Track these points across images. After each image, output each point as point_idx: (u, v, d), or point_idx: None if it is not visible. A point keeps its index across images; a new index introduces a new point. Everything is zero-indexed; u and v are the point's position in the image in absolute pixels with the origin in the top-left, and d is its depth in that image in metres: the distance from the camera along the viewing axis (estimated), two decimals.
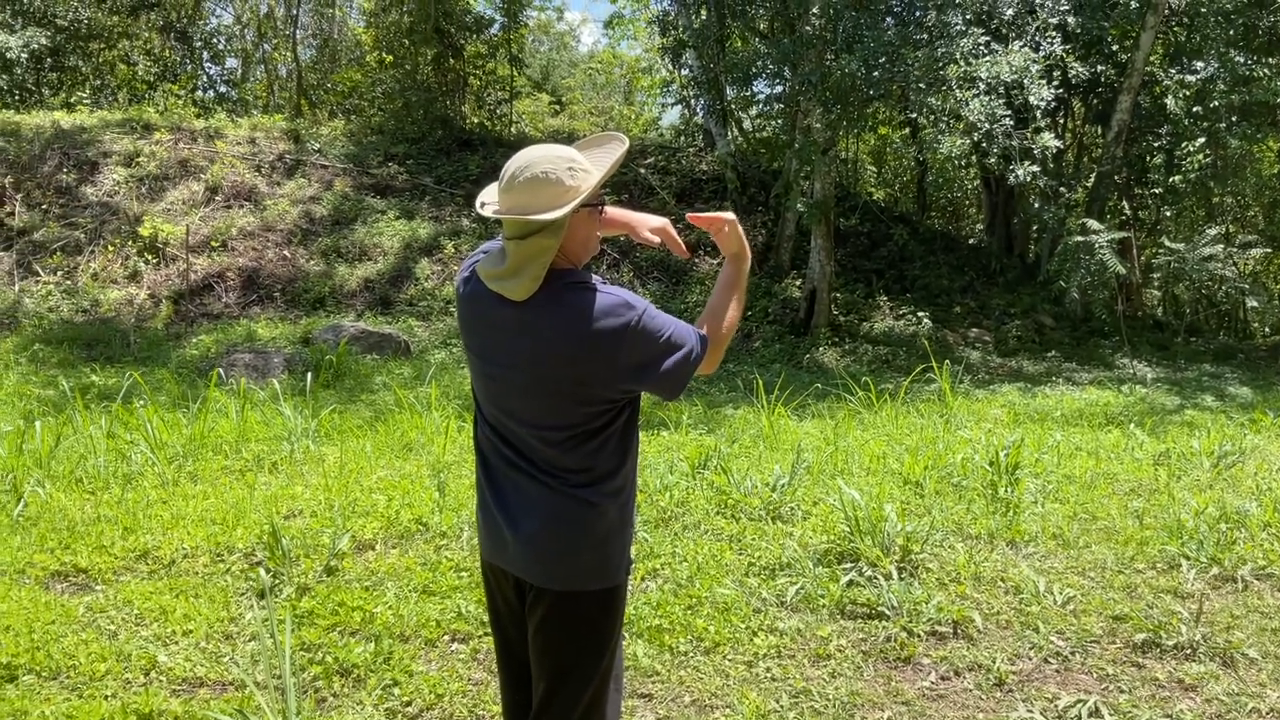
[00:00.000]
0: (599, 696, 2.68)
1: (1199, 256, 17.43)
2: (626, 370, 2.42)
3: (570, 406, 2.46)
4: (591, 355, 2.39)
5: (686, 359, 2.48)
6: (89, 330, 15.50)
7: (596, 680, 2.66)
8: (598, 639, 2.65)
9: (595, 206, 2.55)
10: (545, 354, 2.42)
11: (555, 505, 2.55)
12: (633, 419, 2.61)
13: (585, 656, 2.63)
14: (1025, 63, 15.06)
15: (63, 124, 20.10)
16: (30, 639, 4.33)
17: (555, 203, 2.37)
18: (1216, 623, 4.62)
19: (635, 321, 2.40)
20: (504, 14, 25.46)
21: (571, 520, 2.55)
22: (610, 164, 2.50)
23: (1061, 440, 8.93)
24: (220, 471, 7.38)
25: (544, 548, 2.56)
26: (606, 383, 2.44)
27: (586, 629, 2.64)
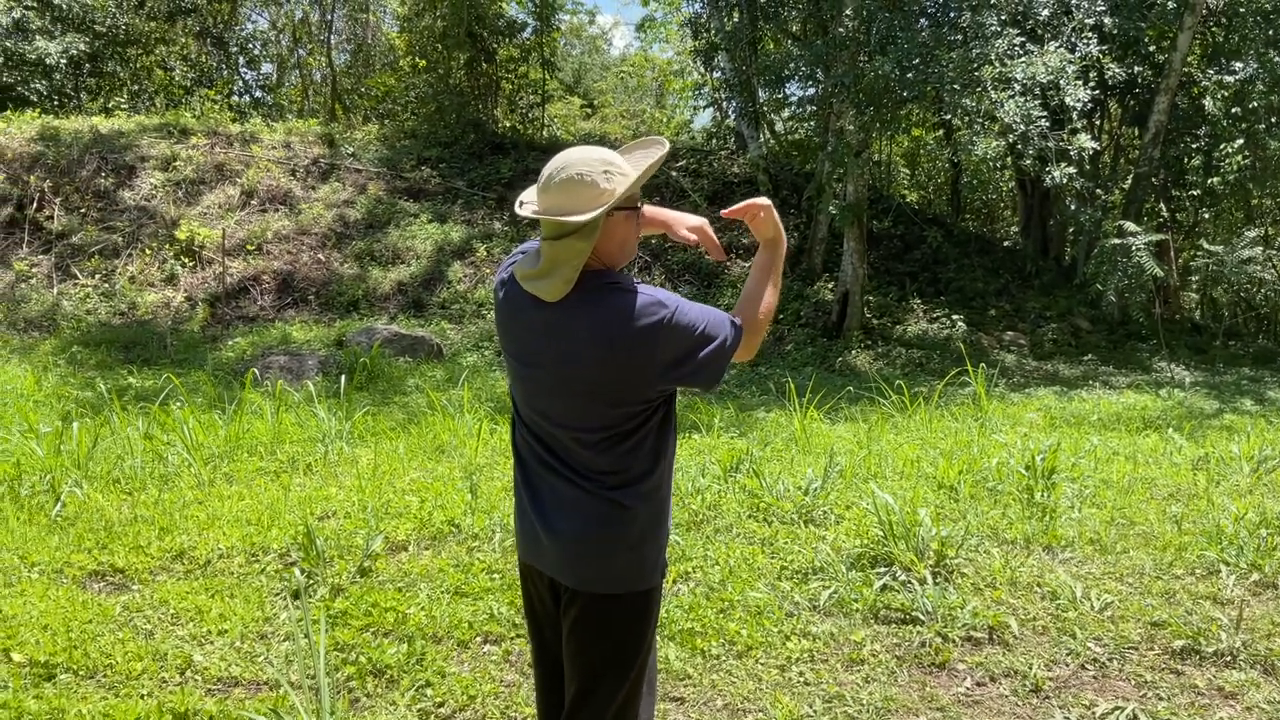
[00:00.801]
0: (631, 699, 2.67)
1: (1237, 259, 17.22)
2: (662, 367, 2.41)
3: (603, 408, 2.46)
4: (626, 357, 2.38)
5: (722, 348, 2.47)
6: (126, 332, 15.67)
7: (629, 683, 2.65)
8: (631, 642, 2.63)
9: (633, 210, 2.54)
10: (578, 355, 2.42)
11: (590, 507, 2.54)
12: (668, 419, 2.59)
13: (618, 659, 2.62)
14: (1061, 63, 14.91)
15: (101, 129, 20.34)
16: (68, 638, 4.38)
17: (589, 205, 2.37)
18: (1257, 630, 4.55)
19: (668, 319, 2.39)
20: (536, 18, 25.54)
21: (606, 523, 2.54)
22: (646, 167, 2.48)
23: (1098, 444, 8.84)
24: (255, 473, 7.43)
25: (578, 550, 2.56)
26: (641, 384, 2.43)
27: (620, 632, 2.62)
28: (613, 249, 2.51)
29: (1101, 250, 16.90)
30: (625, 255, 2.57)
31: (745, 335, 2.56)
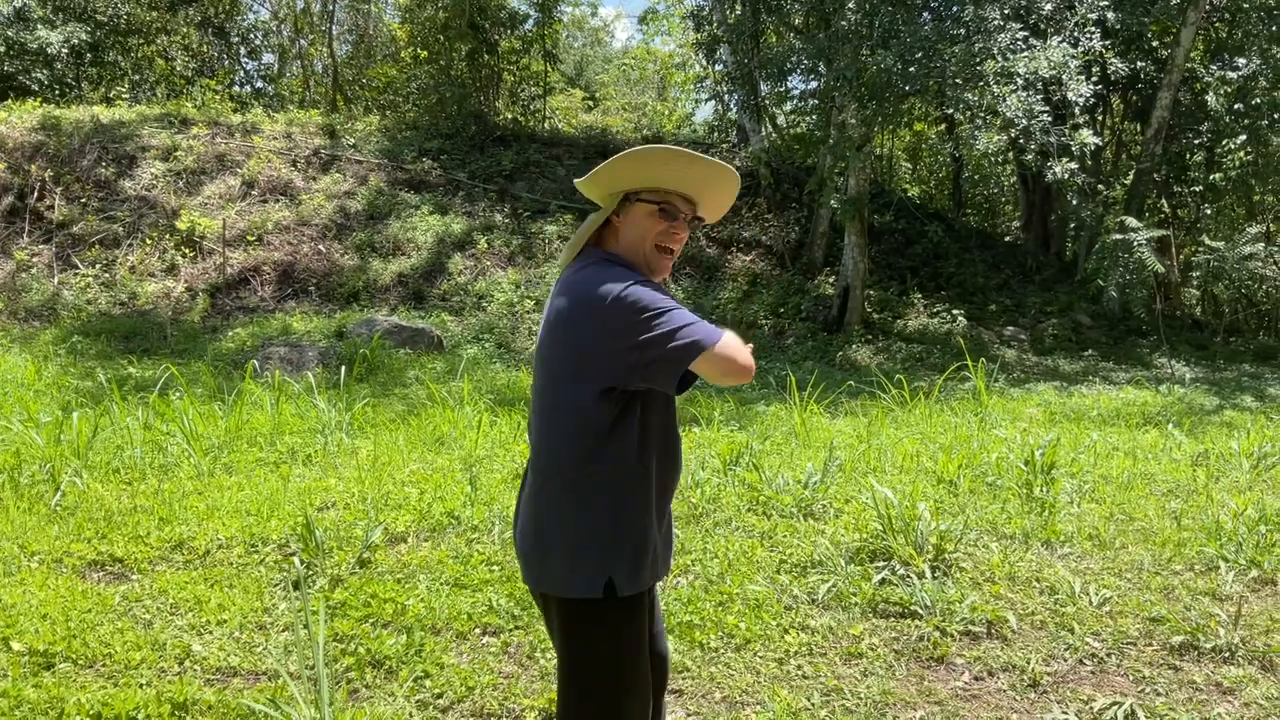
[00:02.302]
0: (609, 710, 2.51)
1: (1239, 255, 17.21)
2: (606, 335, 2.34)
3: (553, 369, 2.45)
4: (583, 319, 2.37)
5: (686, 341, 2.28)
6: (126, 323, 15.66)
7: (601, 696, 2.50)
8: (592, 650, 2.49)
9: (660, 208, 2.56)
10: (551, 312, 2.47)
11: (539, 496, 2.50)
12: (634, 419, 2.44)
13: (585, 668, 2.49)
14: (1064, 58, 14.90)
15: (102, 118, 20.32)
16: (67, 627, 4.38)
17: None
18: (1255, 626, 4.55)
19: (626, 288, 2.34)
20: (538, 9, 25.48)
21: (549, 515, 2.48)
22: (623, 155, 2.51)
23: (1098, 440, 8.84)
24: (255, 463, 7.43)
25: (524, 544, 2.54)
26: (586, 349, 2.37)
27: (579, 639, 2.49)
28: (629, 239, 2.57)
29: (1103, 246, 16.91)
30: (642, 255, 2.58)
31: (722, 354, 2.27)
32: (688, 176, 2.55)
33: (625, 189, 2.58)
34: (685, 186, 2.58)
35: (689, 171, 2.54)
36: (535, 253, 19.46)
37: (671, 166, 2.53)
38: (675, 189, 2.58)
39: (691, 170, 2.54)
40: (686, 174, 2.55)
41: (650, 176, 2.55)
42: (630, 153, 2.51)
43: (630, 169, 2.53)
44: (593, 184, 2.59)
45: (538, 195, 21.29)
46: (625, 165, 2.52)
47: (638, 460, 2.45)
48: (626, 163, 2.52)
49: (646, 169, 2.54)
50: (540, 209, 20.90)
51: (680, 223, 2.59)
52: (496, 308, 17.55)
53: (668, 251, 2.60)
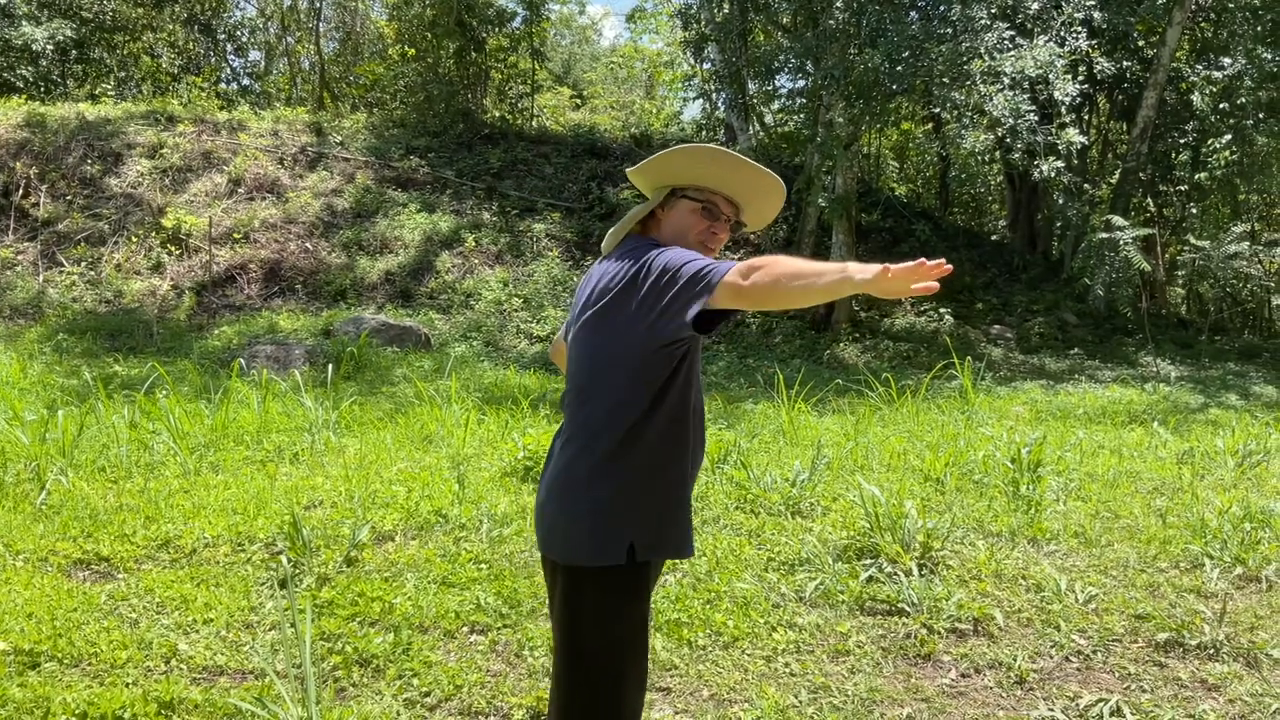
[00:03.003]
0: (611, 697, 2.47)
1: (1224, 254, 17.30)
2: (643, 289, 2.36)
3: (600, 348, 2.46)
4: (628, 287, 2.40)
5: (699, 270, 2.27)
6: (112, 321, 15.60)
7: (595, 685, 2.47)
8: (603, 627, 2.46)
9: (703, 206, 2.62)
10: (598, 292, 2.49)
11: (568, 462, 2.50)
12: (663, 396, 2.44)
13: (590, 644, 2.46)
14: (1050, 58, 14.95)
15: (87, 115, 20.23)
16: (52, 626, 4.36)
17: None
18: (1240, 623, 4.58)
19: (663, 252, 2.41)
20: (526, 7, 25.45)
21: (576, 479, 2.47)
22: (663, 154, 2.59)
23: (1084, 438, 8.88)
24: (242, 462, 7.41)
25: (549, 510, 2.52)
26: (638, 314, 2.37)
27: (590, 613, 2.45)
28: (671, 232, 2.63)
29: (1089, 245, 16.97)
30: (667, 242, 2.60)
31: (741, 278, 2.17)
32: (734, 179, 2.61)
33: (673, 184, 2.65)
34: (731, 189, 2.64)
35: (736, 175, 2.60)
36: (523, 251, 19.44)
37: (719, 167, 2.59)
38: (721, 190, 2.63)
39: (738, 174, 2.60)
40: (733, 177, 2.61)
41: (699, 175, 2.61)
42: (682, 148, 2.58)
43: (680, 164, 2.60)
44: (642, 175, 2.67)
45: (525, 193, 21.27)
46: (676, 159, 2.60)
47: (675, 432, 2.49)
48: (678, 157, 2.59)
49: (696, 166, 2.60)
50: (528, 207, 20.87)
51: (721, 224, 2.64)
52: (484, 306, 17.52)
53: (708, 249, 2.63)
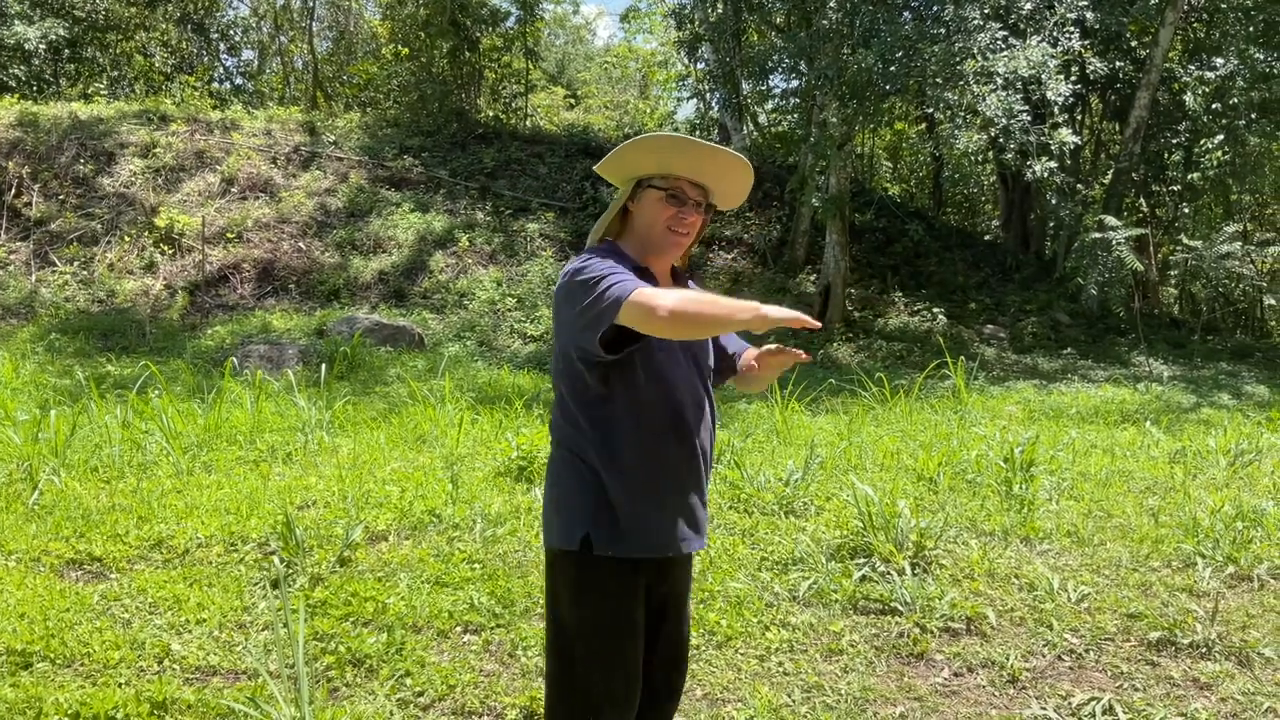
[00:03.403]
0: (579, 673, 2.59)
1: (1216, 254, 17.34)
2: (569, 307, 2.46)
3: (559, 355, 2.61)
4: (557, 298, 2.55)
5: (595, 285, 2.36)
6: (105, 320, 15.56)
7: (563, 658, 2.61)
8: (574, 607, 2.58)
9: (667, 195, 2.64)
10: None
11: (550, 459, 2.71)
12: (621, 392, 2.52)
13: (556, 624, 2.64)
14: (1043, 58, 14.98)
15: (80, 115, 20.18)
16: (45, 626, 4.35)
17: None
18: (1232, 621, 4.59)
19: (581, 263, 2.49)
20: (520, 7, 25.43)
21: (551, 474, 2.68)
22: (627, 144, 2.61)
23: (1077, 437, 8.90)
24: (235, 462, 7.40)
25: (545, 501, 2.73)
26: (561, 323, 2.54)
27: (555, 593, 2.64)
28: (641, 224, 2.68)
29: (1082, 245, 17.01)
30: (650, 242, 2.67)
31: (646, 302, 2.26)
32: (691, 161, 2.62)
33: (637, 175, 2.67)
34: (694, 173, 2.65)
35: (690, 156, 2.61)
36: (517, 251, 19.43)
37: (673, 152, 2.61)
38: (685, 175, 2.64)
39: (693, 155, 2.61)
40: (688, 159, 2.62)
41: (657, 163, 2.63)
42: (634, 141, 2.60)
43: (638, 156, 2.62)
44: (607, 173, 2.71)
45: (519, 193, 21.26)
46: (632, 152, 2.62)
47: (627, 427, 2.54)
48: (630, 151, 2.61)
49: (654, 155, 2.62)
50: (522, 207, 20.86)
51: (689, 208, 2.66)
52: (478, 306, 17.51)
53: (679, 235, 2.66)
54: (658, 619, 2.73)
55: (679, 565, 2.76)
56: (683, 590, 2.81)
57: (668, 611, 2.76)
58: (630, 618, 2.60)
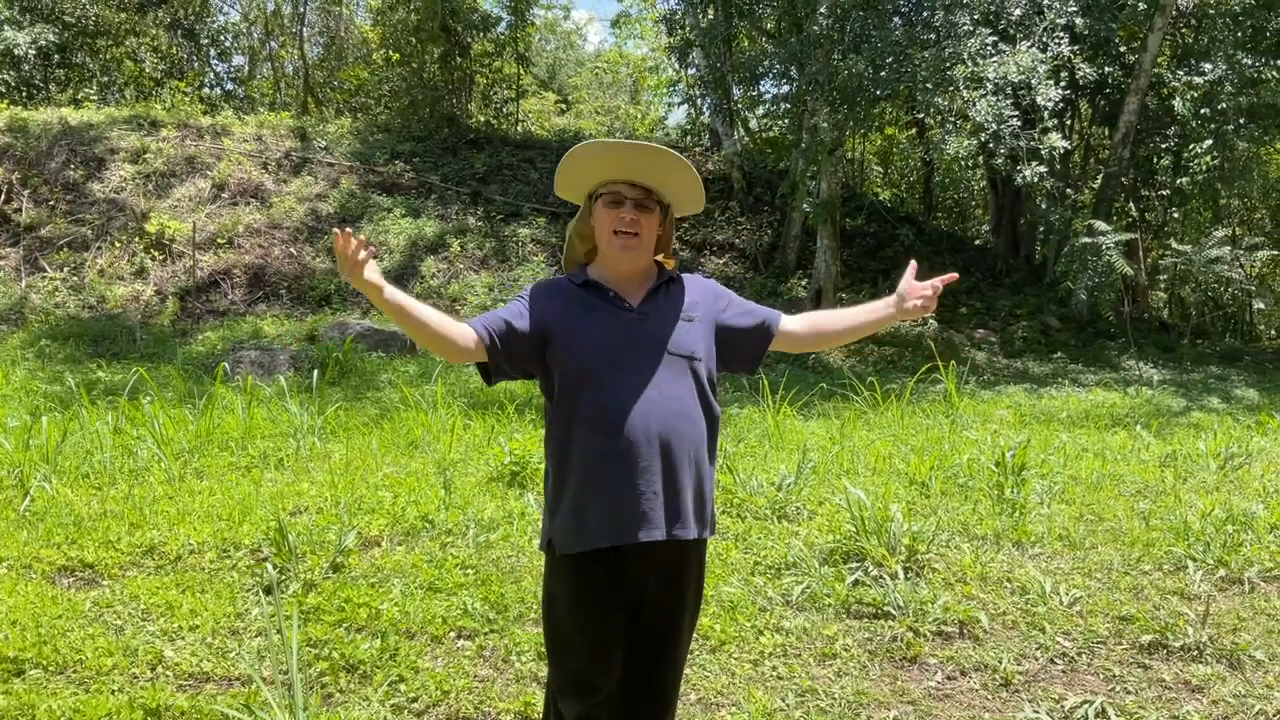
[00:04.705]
0: (554, 657, 2.83)
1: (1206, 258, 17.39)
2: None
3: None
4: None
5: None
6: (95, 326, 15.52)
7: (547, 644, 2.85)
8: (546, 602, 2.83)
9: (604, 198, 2.75)
10: None
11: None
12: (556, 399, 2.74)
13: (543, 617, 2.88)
14: (1033, 63, 15.02)
15: (70, 120, 20.12)
16: (37, 633, 4.34)
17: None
18: (1223, 624, 4.61)
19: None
20: (511, 12, 25.44)
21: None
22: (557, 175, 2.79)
23: (1068, 441, 8.92)
24: (226, 468, 7.39)
25: None
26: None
27: (543, 585, 2.88)
28: (598, 237, 2.80)
29: (1071, 249, 17.04)
30: (604, 250, 2.79)
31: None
32: (622, 164, 2.70)
33: (585, 192, 2.80)
34: (626, 174, 2.72)
35: (621, 159, 2.69)
36: (509, 256, 19.43)
37: (602, 158, 2.70)
38: (619, 178, 2.72)
39: (621, 157, 2.68)
40: (619, 162, 2.70)
41: (595, 172, 2.74)
42: (564, 160, 2.72)
43: (573, 174, 2.76)
44: (564, 192, 2.85)
45: (511, 198, 21.26)
46: (563, 176, 2.77)
47: (564, 435, 2.72)
48: (563, 176, 2.76)
49: (587, 166, 2.72)
50: (513, 212, 20.87)
51: (627, 208, 2.71)
52: (470, 311, 17.50)
53: (624, 235, 2.71)
54: (635, 608, 2.79)
55: (653, 555, 2.75)
56: (665, 582, 2.82)
57: (644, 603, 2.80)
58: (594, 605, 2.71)
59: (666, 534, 2.68)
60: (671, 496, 2.69)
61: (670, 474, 2.68)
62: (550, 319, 2.71)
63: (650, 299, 2.78)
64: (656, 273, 2.86)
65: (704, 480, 2.77)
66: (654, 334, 2.73)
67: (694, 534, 2.73)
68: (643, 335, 2.72)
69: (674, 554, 2.78)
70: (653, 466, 2.66)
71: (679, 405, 2.71)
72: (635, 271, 2.79)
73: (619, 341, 2.69)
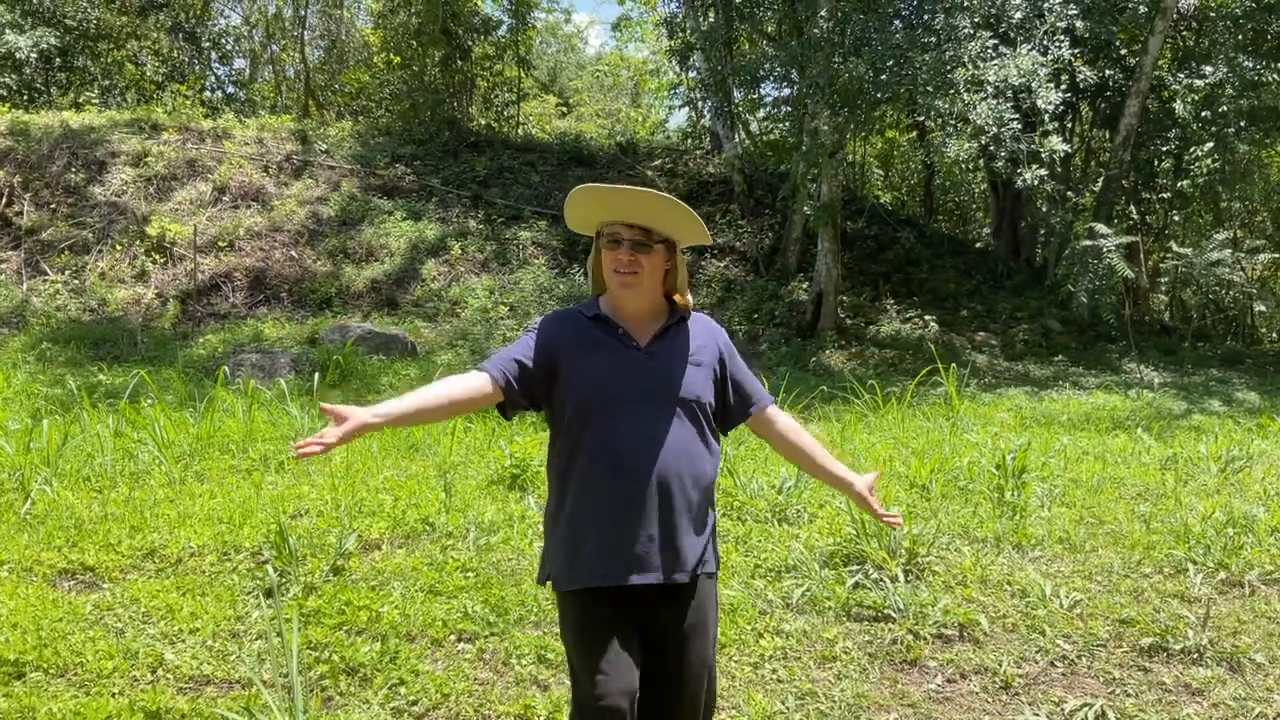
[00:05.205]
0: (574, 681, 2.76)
1: (1206, 261, 17.39)
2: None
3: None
4: None
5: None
6: (96, 329, 15.53)
7: (571, 674, 2.78)
8: (562, 634, 2.80)
9: (604, 238, 2.77)
10: None
11: None
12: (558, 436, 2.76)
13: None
14: (1033, 66, 15.03)
15: (71, 124, 20.14)
16: (38, 636, 4.34)
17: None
18: (1223, 627, 4.61)
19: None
20: (511, 16, 25.46)
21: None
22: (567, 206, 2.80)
23: (1068, 444, 8.92)
24: (227, 471, 7.39)
25: None
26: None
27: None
28: (605, 276, 2.82)
29: (1072, 252, 17.04)
30: (609, 288, 2.81)
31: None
32: (617, 206, 2.72)
33: (594, 229, 2.83)
34: (623, 215, 2.73)
35: (616, 203, 2.71)
36: (509, 259, 19.44)
37: (597, 202, 2.73)
38: (616, 219, 2.74)
39: (615, 201, 2.70)
40: (614, 205, 2.72)
41: (593, 216, 2.78)
42: (568, 198, 2.75)
43: (579, 212, 2.80)
44: (579, 229, 2.90)
45: (512, 201, 21.27)
46: (570, 213, 2.81)
47: (564, 470, 2.74)
48: (572, 209, 2.79)
49: (588, 209, 2.76)
50: (514, 215, 20.88)
51: (623, 249, 2.72)
52: (470, 314, 17.51)
53: (621, 275, 2.73)
54: (648, 636, 2.76)
55: (653, 596, 2.72)
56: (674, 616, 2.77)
57: (655, 632, 2.76)
58: (598, 640, 2.66)
59: (663, 578, 2.67)
60: (669, 540, 2.68)
61: (668, 517, 2.67)
62: (558, 353, 2.72)
63: (659, 339, 2.78)
64: (668, 311, 2.85)
65: (705, 523, 2.78)
66: (661, 374, 2.73)
67: (687, 579, 2.71)
68: (649, 375, 2.72)
69: (675, 594, 2.75)
70: (651, 509, 2.65)
71: (681, 446, 2.70)
72: (643, 309, 2.80)
73: (625, 380, 2.69)
